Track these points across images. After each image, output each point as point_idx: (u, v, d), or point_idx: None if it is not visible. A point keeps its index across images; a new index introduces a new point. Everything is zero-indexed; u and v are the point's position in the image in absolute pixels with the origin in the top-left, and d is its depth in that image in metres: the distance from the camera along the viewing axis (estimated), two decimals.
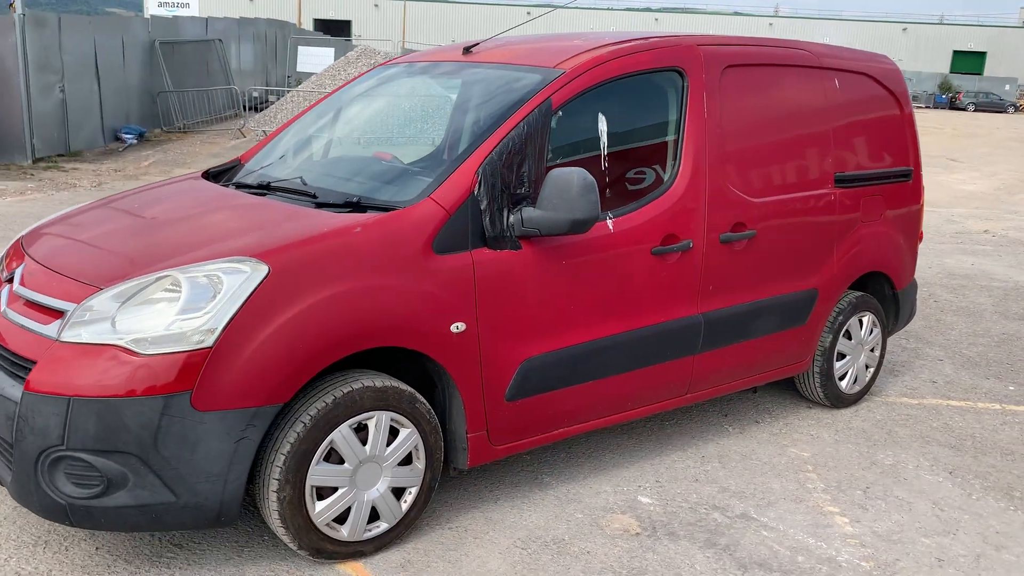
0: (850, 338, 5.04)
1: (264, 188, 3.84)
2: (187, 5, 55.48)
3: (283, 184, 3.81)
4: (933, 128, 32.98)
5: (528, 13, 60.67)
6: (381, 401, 3.24)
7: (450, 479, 3.98)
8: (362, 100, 4.56)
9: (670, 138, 4.07)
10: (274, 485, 3.08)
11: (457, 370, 3.41)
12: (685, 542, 3.62)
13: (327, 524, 3.23)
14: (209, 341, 2.87)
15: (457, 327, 3.36)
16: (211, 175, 4.28)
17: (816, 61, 4.68)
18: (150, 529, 2.99)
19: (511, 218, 3.47)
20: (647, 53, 3.98)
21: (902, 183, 5.18)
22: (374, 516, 3.35)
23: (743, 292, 4.33)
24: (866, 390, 5.27)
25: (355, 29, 61.74)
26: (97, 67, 16.73)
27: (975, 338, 6.76)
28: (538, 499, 3.90)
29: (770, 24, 66.34)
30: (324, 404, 3.11)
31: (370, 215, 3.32)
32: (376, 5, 60.01)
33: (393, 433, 3.33)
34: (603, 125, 3.84)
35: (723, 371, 4.40)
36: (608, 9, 69.77)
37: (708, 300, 4.18)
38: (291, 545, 3.20)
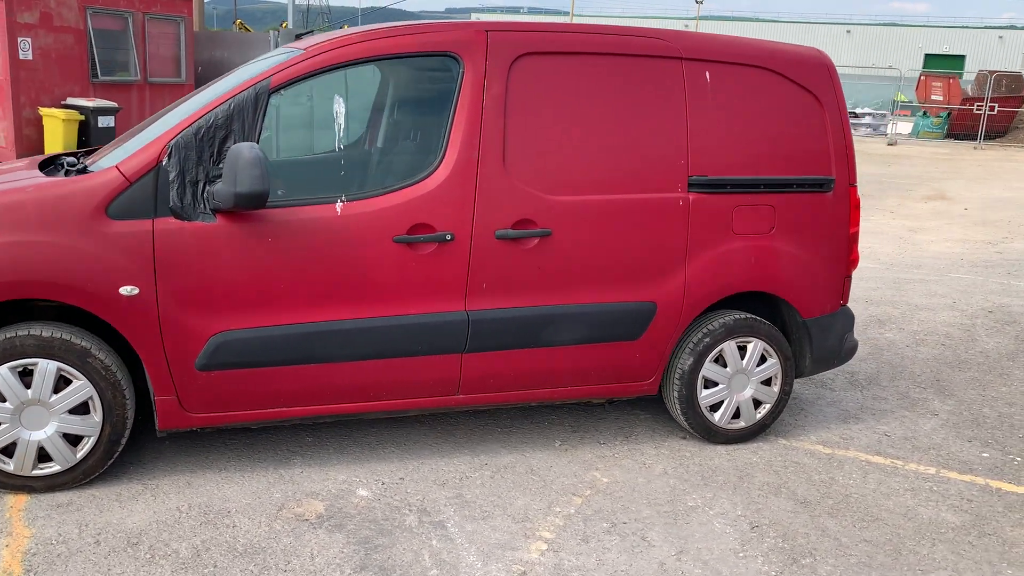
0: (725, 365, 4.46)
1: (58, 163, 4.22)
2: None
3: (68, 159, 4.19)
4: None
5: (848, 32, 57.45)
6: (45, 350, 3.52)
7: (205, 439, 4.16)
8: (224, 82, 4.80)
9: (435, 125, 3.92)
10: None
11: (132, 332, 3.59)
12: (340, 535, 3.50)
13: None
14: None
15: (128, 290, 3.53)
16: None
17: (670, 51, 4.22)
18: None
19: (207, 191, 3.59)
20: (408, 37, 3.88)
21: (813, 194, 4.48)
22: (48, 457, 3.63)
23: (533, 295, 4.04)
24: (758, 428, 4.61)
25: None
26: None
27: None
28: (259, 475, 3.95)
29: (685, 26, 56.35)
30: None
31: (47, 179, 3.62)
32: (686, 26, 60.15)
33: (66, 382, 3.59)
34: (340, 107, 3.81)
35: (510, 377, 4.12)
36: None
37: (479, 298, 3.96)
38: None
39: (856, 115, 28.96)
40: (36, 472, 3.63)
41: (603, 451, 4.42)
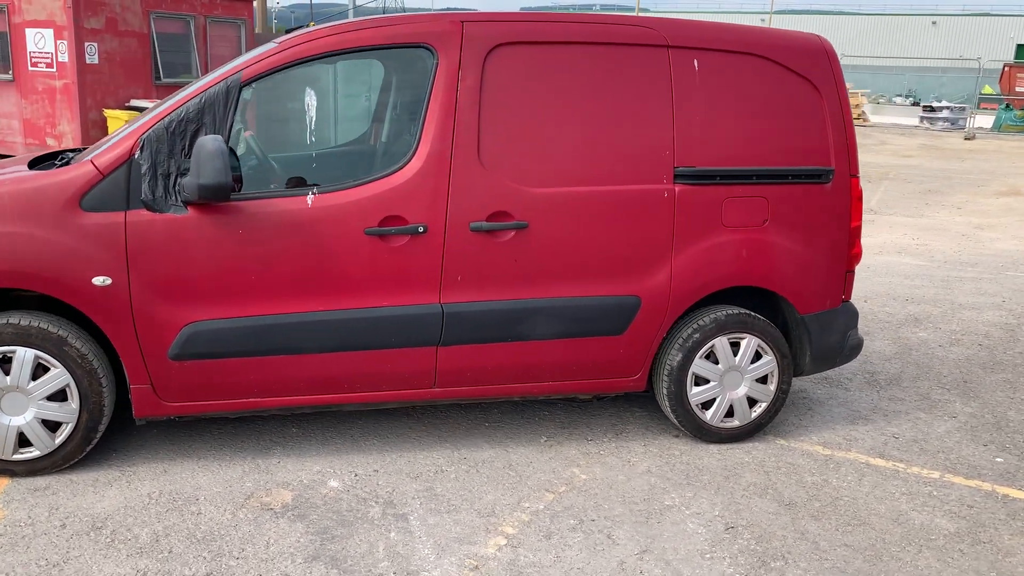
0: (716, 362, 4.33)
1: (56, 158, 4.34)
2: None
3: (66, 154, 4.31)
4: None
5: (934, 23, 55.59)
6: (22, 338, 3.62)
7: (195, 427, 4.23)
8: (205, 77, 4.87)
9: (409, 118, 3.91)
10: None
11: (106, 322, 3.67)
12: (300, 524, 3.52)
13: None
14: None
15: (101, 281, 3.61)
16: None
17: (656, 39, 4.12)
18: None
19: (178, 183, 3.65)
20: (381, 29, 3.87)
21: (811, 185, 4.32)
22: (28, 442, 3.73)
23: (510, 288, 3.99)
24: (753, 427, 4.47)
25: None
26: None
27: None
28: (236, 464, 4.00)
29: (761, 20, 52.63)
30: None
31: (27, 172, 3.72)
32: (762, 20, 58.95)
33: (44, 370, 3.69)
34: (311, 99, 3.83)
35: (488, 371, 4.08)
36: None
37: (454, 291, 3.93)
38: None
39: (933, 109, 27.96)
40: (17, 457, 3.74)
41: (589, 448, 4.34)
